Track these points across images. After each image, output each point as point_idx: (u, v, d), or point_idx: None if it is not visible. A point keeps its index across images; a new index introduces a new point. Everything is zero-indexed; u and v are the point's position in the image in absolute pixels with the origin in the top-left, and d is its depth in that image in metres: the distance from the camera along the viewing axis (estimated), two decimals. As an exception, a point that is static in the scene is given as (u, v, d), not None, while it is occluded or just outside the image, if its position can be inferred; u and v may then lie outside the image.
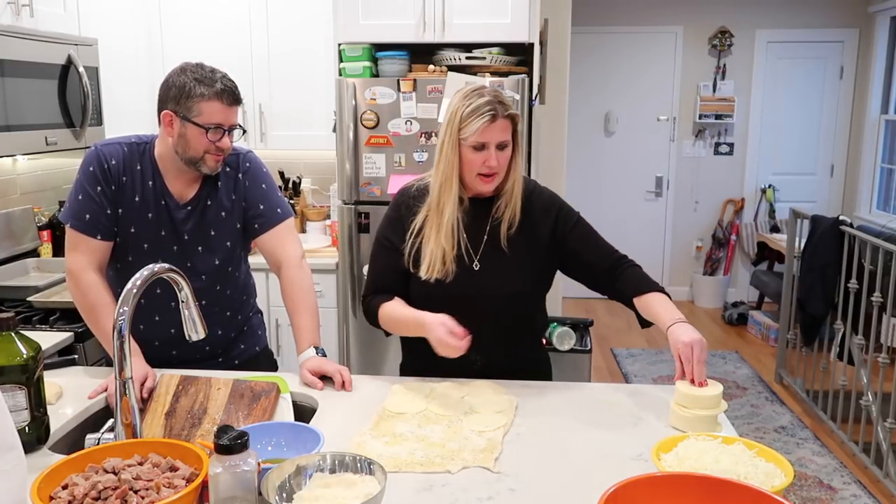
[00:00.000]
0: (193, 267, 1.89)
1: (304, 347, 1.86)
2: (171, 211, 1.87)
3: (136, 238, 1.87)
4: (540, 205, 1.83)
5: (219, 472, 1.10)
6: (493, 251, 1.79)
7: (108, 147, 1.85)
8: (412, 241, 1.79)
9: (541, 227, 1.82)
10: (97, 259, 1.84)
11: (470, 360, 1.82)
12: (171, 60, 3.49)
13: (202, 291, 1.87)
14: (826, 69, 6.00)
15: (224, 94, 1.77)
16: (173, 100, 1.77)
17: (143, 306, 1.88)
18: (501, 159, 1.72)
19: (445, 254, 1.74)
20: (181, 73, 1.77)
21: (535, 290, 1.88)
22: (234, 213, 1.92)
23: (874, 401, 3.46)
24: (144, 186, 1.85)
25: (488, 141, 1.70)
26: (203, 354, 1.96)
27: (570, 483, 1.34)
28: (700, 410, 1.53)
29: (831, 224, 3.92)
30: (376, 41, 3.34)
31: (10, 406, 1.34)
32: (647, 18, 6.03)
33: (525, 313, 1.87)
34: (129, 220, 1.86)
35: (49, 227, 3.12)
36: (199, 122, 1.76)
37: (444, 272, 1.75)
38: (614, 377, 4.68)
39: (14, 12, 2.50)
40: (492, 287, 1.79)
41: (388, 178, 3.32)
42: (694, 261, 6.36)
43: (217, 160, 1.82)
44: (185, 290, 1.47)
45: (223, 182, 1.91)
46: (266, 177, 1.98)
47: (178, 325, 1.75)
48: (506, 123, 1.71)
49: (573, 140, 5.57)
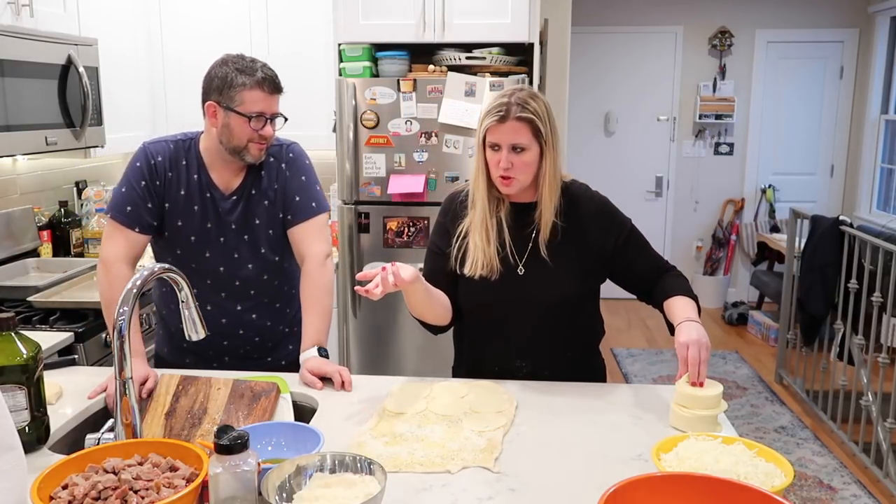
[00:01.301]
0: (240, 257, 1.95)
1: (307, 346, 1.86)
2: (217, 202, 1.92)
3: (183, 231, 1.92)
4: (589, 211, 1.80)
5: (219, 472, 1.10)
6: (538, 258, 1.76)
7: (154, 145, 1.92)
8: (459, 244, 1.80)
9: (588, 234, 1.79)
10: (133, 251, 1.88)
11: (516, 365, 1.84)
12: (171, 60, 3.55)
13: (249, 281, 1.96)
14: (826, 69, 6.00)
15: (265, 82, 1.82)
16: (216, 90, 1.82)
17: (196, 296, 1.90)
18: (517, 162, 1.68)
19: (484, 250, 1.74)
20: (223, 64, 1.83)
21: (583, 297, 1.84)
22: (276, 202, 1.95)
23: (874, 401, 3.46)
24: (190, 180, 1.90)
25: (499, 142, 1.69)
26: (252, 346, 2.01)
27: (570, 483, 1.34)
28: (700, 410, 1.52)
29: (831, 224, 3.92)
30: (376, 41, 3.35)
31: (10, 406, 1.34)
32: (646, 18, 6.03)
33: (573, 320, 1.84)
34: (175, 213, 1.91)
35: (49, 227, 3.12)
36: (241, 111, 1.81)
37: (488, 269, 1.74)
38: (614, 377, 4.68)
39: (14, 12, 2.50)
40: (536, 293, 1.77)
41: (388, 178, 3.32)
42: (694, 261, 6.36)
43: (260, 148, 1.87)
44: (185, 290, 1.48)
45: (266, 171, 1.95)
46: (307, 169, 1.99)
47: (227, 316, 1.95)
48: (518, 125, 1.67)
49: (573, 140, 5.58)
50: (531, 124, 1.67)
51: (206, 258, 1.94)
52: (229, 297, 1.98)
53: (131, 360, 1.36)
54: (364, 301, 3.41)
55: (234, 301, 1.98)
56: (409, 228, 3.37)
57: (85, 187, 3.37)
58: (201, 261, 1.94)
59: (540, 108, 1.69)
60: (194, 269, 1.91)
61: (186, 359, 2.01)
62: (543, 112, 1.69)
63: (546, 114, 1.70)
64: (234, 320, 1.99)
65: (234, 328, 1.99)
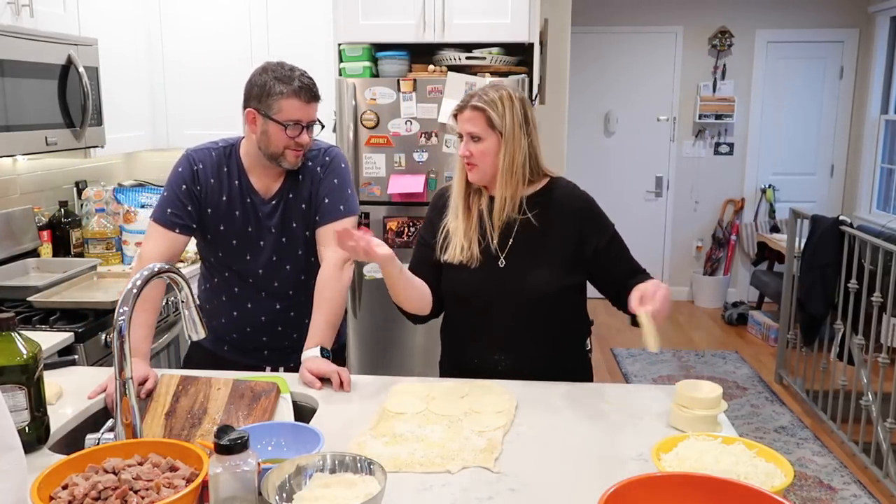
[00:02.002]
0: (279, 259, 2.01)
1: (310, 345, 1.87)
2: (257, 207, 1.97)
3: (225, 235, 1.98)
4: (574, 209, 1.82)
5: (219, 472, 1.10)
6: (520, 252, 1.80)
7: (197, 153, 1.97)
8: (443, 233, 1.85)
9: (572, 231, 1.80)
10: (171, 251, 1.92)
11: (495, 359, 1.85)
12: (171, 61, 3.55)
13: (287, 281, 2.02)
14: (826, 69, 6.00)
15: (302, 91, 1.86)
16: (255, 98, 1.87)
17: (236, 295, 2.04)
18: (474, 151, 1.76)
19: (455, 233, 1.80)
20: (262, 72, 1.88)
21: (565, 293, 1.84)
22: (310, 205, 1.99)
23: (874, 401, 3.46)
24: (231, 186, 1.96)
25: (460, 130, 1.78)
26: (291, 342, 2.06)
27: (570, 483, 1.34)
28: (700, 410, 1.52)
29: (831, 224, 3.92)
30: (376, 41, 3.35)
31: (10, 406, 1.33)
32: (646, 18, 6.03)
33: (555, 316, 1.84)
34: (217, 218, 1.97)
35: (49, 227, 3.12)
36: (278, 119, 1.85)
37: (467, 256, 1.79)
38: (614, 377, 4.68)
39: (14, 12, 2.50)
40: (516, 286, 1.79)
41: (388, 178, 3.32)
42: (694, 261, 6.36)
43: (297, 155, 1.91)
44: (185, 291, 1.48)
45: (304, 176, 1.99)
46: (342, 173, 2.02)
47: (267, 314, 2.04)
48: (472, 115, 1.75)
49: (573, 140, 5.57)
50: (484, 113, 1.74)
51: (247, 261, 2.01)
52: (269, 296, 2.04)
53: (131, 360, 1.36)
54: (364, 301, 3.41)
55: (273, 300, 2.05)
56: (409, 228, 3.37)
57: (85, 187, 3.37)
58: (242, 263, 2.01)
59: (498, 99, 1.74)
60: (235, 271, 2.02)
61: (224, 346, 2.08)
62: (502, 104, 1.73)
63: (506, 106, 1.73)
64: (272, 318, 2.06)
65: (272, 325, 2.07)
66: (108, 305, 2.47)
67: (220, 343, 2.08)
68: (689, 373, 4.76)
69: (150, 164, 3.85)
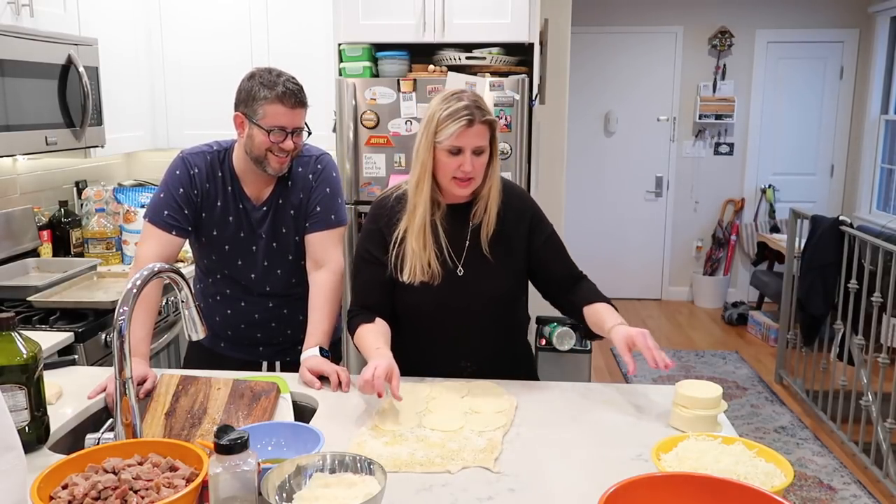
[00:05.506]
0: (271, 264, 2.03)
1: (309, 345, 1.88)
2: (249, 213, 1.98)
3: (217, 240, 2.00)
4: (514, 208, 1.82)
5: (219, 472, 1.10)
6: (476, 257, 1.78)
7: (193, 156, 1.97)
8: (396, 250, 1.78)
9: (518, 231, 1.82)
10: (167, 253, 1.92)
11: (461, 366, 1.85)
12: (171, 61, 3.55)
13: (279, 285, 2.04)
14: (826, 69, 6.00)
15: (286, 96, 1.83)
16: (242, 102, 1.87)
17: (229, 296, 2.05)
18: (477, 164, 1.70)
19: (420, 256, 1.73)
20: (250, 77, 1.88)
21: (518, 292, 1.89)
22: (300, 211, 1.99)
23: (874, 401, 3.46)
24: (225, 192, 1.97)
25: (464, 145, 1.67)
26: (285, 338, 2.08)
27: (570, 483, 1.34)
28: (700, 410, 1.53)
29: (831, 224, 3.91)
30: (376, 41, 3.34)
31: (10, 406, 1.34)
32: (646, 18, 6.03)
33: (512, 316, 1.90)
34: (211, 223, 1.98)
35: (49, 227, 3.12)
36: (262, 124, 1.84)
37: (428, 275, 1.75)
38: (614, 377, 4.68)
39: (14, 12, 2.50)
40: (478, 292, 1.79)
41: (388, 178, 3.32)
42: (694, 261, 6.35)
43: (281, 161, 1.90)
44: (185, 290, 1.48)
45: (294, 182, 1.99)
46: (333, 182, 2.03)
47: (260, 311, 2.06)
48: (482, 129, 1.69)
49: (573, 140, 5.57)
50: (491, 126, 1.71)
51: (239, 266, 2.02)
52: (261, 296, 2.06)
53: (130, 360, 1.36)
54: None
55: (266, 299, 2.07)
56: (409, 228, 3.36)
57: (85, 187, 3.37)
58: (234, 267, 2.02)
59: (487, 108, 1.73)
60: (227, 274, 2.03)
61: (221, 343, 2.10)
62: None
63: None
64: (266, 315, 2.08)
65: (266, 322, 2.08)
66: (107, 305, 2.47)
67: (216, 339, 2.09)
68: (689, 373, 4.76)
69: (150, 163, 3.85)
